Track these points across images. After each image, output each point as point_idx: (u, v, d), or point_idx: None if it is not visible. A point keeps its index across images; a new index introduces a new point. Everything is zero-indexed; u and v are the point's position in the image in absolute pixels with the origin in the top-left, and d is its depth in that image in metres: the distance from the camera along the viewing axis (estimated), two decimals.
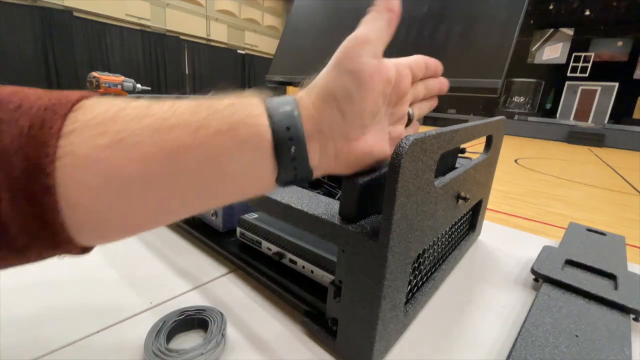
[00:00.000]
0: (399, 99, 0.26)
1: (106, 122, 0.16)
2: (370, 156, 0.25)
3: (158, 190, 0.17)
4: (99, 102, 0.17)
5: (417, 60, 0.28)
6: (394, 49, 0.25)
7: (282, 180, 0.21)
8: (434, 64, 0.29)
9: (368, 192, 0.27)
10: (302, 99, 0.21)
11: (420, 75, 0.28)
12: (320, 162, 0.22)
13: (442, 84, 0.31)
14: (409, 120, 0.29)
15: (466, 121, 0.38)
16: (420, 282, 0.35)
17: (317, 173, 0.22)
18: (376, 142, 0.25)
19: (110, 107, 0.17)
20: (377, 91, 0.23)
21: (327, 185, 0.48)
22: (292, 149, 0.20)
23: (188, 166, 0.17)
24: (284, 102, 0.20)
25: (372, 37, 0.22)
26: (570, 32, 11.08)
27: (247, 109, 0.19)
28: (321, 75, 0.22)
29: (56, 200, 0.15)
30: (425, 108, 0.31)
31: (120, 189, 0.16)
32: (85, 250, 0.18)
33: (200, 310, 0.30)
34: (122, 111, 0.17)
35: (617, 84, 10.65)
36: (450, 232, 0.42)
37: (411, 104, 0.29)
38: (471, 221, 0.50)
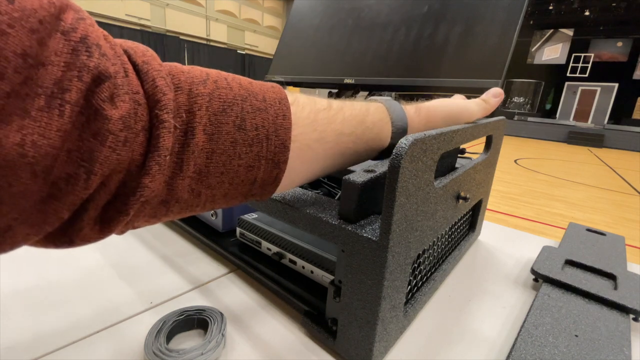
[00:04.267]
0: None
1: (312, 123, 0.23)
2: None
3: (327, 166, 0.26)
4: (300, 101, 0.23)
5: None
6: (394, 49, 0.25)
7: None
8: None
9: (368, 192, 0.27)
10: (415, 117, 0.30)
11: None
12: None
13: None
14: None
15: None
16: (420, 282, 0.35)
17: None
18: None
19: (310, 110, 0.23)
20: None
21: (327, 185, 0.48)
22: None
23: (346, 155, 0.26)
24: (402, 126, 0.29)
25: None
26: (570, 32, 11.09)
27: (383, 129, 0.28)
28: (439, 108, 0.32)
29: (285, 167, 0.22)
30: None
31: (314, 163, 0.24)
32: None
33: (200, 310, 0.30)
34: (318, 114, 0.24)
35: (616, 85, 10.66)
36: (450, 232, 0.42)
37: None
38: (471, 221, 0.51)
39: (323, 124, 0.24)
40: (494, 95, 0.37)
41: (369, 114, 0.27)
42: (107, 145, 0.14)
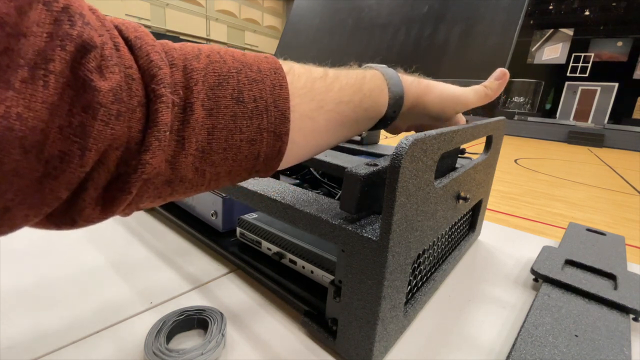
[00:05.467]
0: None
1: (309, 92, 0.23)
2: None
3: (329, 137, 0.26)
4: (295, 71, 0.23)
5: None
6: (394, 50, 0.25)
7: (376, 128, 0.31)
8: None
9: (369, 186, 0.27)
10: (408, 90, 0.30)
11: None
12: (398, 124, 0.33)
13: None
14: None
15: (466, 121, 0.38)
16: (420, 283, 0.35)
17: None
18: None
19: (307, 79, 0.23)
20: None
21: (327, 185, 0.48)
22: (389, 121, 0.30)
23: (346, 125, 0.26)
24: (399, 93, 0.28)
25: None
26: (570, 32, 11.09)
27: (380, 96, 0.27)
28: (437, 90, 0.31)
29: (288, 139, 0.21)
30: None
31: (315, 135, 0.24)
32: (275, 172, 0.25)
33: (200, 310, 0.30)
34: (315, 83, 0.23)
35: (616, 84, 10.66)
36: (450, 233, 0.42)
37: None
38: (471, 221, 0.51)
39: (321, 92, 0.23)
40: (496, 77, 0.34)
41: (365, 82, 0.26)
42: (98, 118, 0.13)
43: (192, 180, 0.18)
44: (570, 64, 11.26)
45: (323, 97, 0.23)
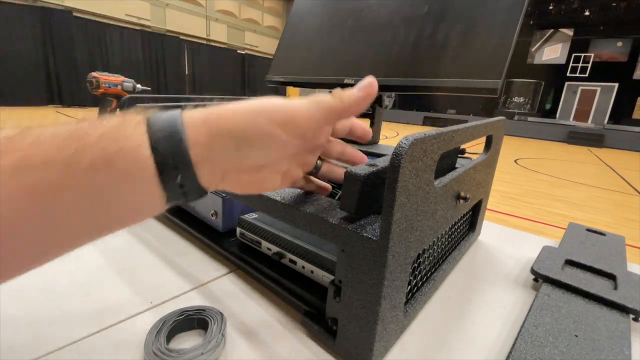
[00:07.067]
0: (309, 151, 0.25)
1: None
2: (259, 186, 0.24)
3: (31, 230, 0.16)
4: None
5: (343, 122, 0.27)
6: (394, 50, 0.25)
7: (173, 202, 0.20)
8: (361, 131, 0.29)
9: (369, 186, 0.27)
10: (194, 123, 0.19)
11: (342, 134, 0.28)
12: (209, 182, 0.21)
13: (358, 158, 0.30)
14: (315, 169, 0.29)
15: (466, 122, 0.38)
16: (420, 282, 0.35)
17: (209, 189, 0.21)
18: (268, 175, 0.24)
19: None
20: (286, 150, 0.23)
21: None
22: (178, 177, 0.19)
23: (63, 204, 0.16)
24: (169, 126, 0.18)
25: (324, 113, 0.23)
26: (570, 32, 11.08)
27: (125, 139, 0.17)
28: (231, 109, 0.21)
29: None
30: (335, 174, 0.30)
31: None
32: None
33: (200, 310, 0.30)
34: None
35: (616, 84, 10.65)
36: (450, 232, 0.42)
37: (322, 157, 0.29)
38: (471, 221, 0.51)
39: None
40: (358, 87, 0.24)
41: (100, 126, 0.17)
42: None
43: None
44: (570, 64, 11.25)
45: None
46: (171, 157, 0.18)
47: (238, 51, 10.55)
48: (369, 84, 0.24)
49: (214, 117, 0.20)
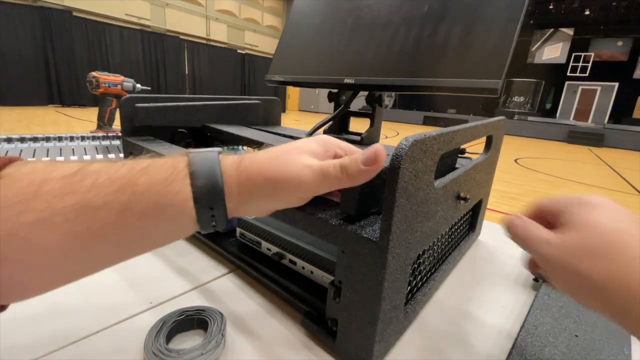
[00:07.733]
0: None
1: (26, 200, 0.17)
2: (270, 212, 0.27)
3: (82, 260, 0.20)
4: (22, 171, 0.18)
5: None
6: (394, 49, 0.25)
7: (202, 231, 0.23)
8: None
9: (369, 187, 0.27)
10: (233, 171, 0.22)
11: None
12: (232, 214, 0.24)
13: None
14: None
15: (466, 121, 0.38)
16: (420, 283, 0.35)
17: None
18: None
19: (31, 182, 0.18)
20: (293, 202, 0.25)
21: None
22: (214, 221, 0.23)
23: (114, 239, 0.20)
24: (210, 180, 0.21)
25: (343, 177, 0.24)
26: (570, 32, 11.07)
27: (174, 195, 0.20)
28: (256, 171, 0.23)
29: None
30: None
31: (43, 261, 0.18)
32: (2, 308, 0.20)
33: (200, 310, 0.30)
34: (45, 185, 0.18)
35: (617, 84, 10.64)
36: (450, 233, 0.42)
37: None
38: (471, 221, 0.50)
39: (49, 198, 0.17)
40: (364, 160, 0.23)
41: (147, 173, 0.20)
42: None
43: None
44: (571, 64, 11.24)
45: (52, 204, 0.17)
46: (209, 204, 0.22)
47: (238, 51, 10.54)
48: (374, 155, 0.23)
49: (244, 179, 0.23)
